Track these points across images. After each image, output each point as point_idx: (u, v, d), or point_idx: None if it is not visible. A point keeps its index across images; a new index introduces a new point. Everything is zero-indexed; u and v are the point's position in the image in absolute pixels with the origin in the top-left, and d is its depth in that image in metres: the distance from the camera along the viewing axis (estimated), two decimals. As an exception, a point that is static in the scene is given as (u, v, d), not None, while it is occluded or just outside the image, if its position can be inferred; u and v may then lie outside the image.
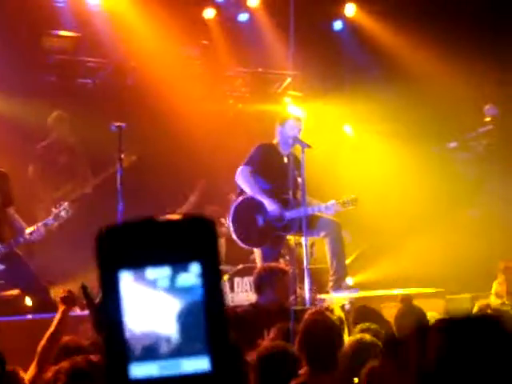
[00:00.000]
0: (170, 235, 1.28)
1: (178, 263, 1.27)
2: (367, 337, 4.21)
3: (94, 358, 3.67)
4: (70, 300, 4.88)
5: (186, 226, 1.29)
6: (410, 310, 5.22)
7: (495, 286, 6.71)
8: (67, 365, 3.57)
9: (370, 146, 10.95)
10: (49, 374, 3.58)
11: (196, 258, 1.27)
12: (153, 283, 1.28)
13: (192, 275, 1.27)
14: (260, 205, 7.80)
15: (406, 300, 6.09)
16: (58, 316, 4.76)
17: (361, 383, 3.65)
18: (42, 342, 4.48)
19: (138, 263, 1.28)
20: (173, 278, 1.27)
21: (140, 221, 1.29)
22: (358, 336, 4.26)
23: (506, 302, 5.26)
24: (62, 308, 4.81)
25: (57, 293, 7.83)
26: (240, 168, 7.86)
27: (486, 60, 9.88)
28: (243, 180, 7.83)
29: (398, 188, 10.20)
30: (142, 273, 1.28)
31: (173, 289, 1.27)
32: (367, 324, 4.82)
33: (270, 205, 7.76)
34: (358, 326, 4.79)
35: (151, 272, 1.28)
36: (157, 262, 1.28)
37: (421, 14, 10.35)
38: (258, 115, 10.83)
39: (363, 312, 5.45)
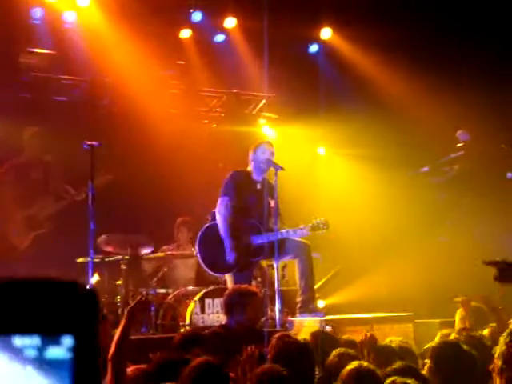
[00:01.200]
0: (41, 300, 1.15)
1: (49, 334, 1.14)
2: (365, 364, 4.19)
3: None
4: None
5: (60, 291, 1.15)
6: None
7: (458, 315, 6.77)
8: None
9: (344, 169, 11.04)
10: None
11: (68, 330, 1.14)
12: (19, 352, 1.14)
13: (63, 349, 1.14)
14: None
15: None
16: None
17: None
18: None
19: (4, 329, 1.14)
20: (42, 350, 1.14)
21: (10, 280, 1.16)
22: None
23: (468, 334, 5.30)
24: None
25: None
26: (219, 200, 7.87)
27: (460, 85, 10.02)
28: (220, 214, 7.85)
29: (371, 211, 10.29)
30: (9, 340, 1.15)
31: (41, 361, 1.14)
32: (343, 349, 4.83)
33: (227, 244, 7.77)
34: (336, 351, 4.79)
35: (19, 340, 1.15)
36: (25, 329, 1.14)
37: (397, 40, 10.47)
38: (232, 135, 10.88)
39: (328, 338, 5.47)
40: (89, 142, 7.23)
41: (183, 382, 3.76)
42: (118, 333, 4.21)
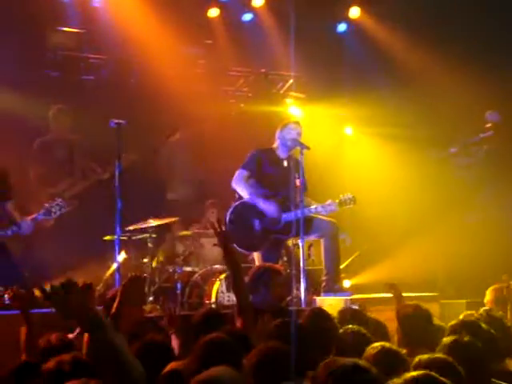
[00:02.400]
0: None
1: None
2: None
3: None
4: (19, 301, 4.76)
5: None
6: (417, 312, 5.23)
7: (488, 294, 6.71)
8: (68, 357, 3.59)
9: (371, 148, 10.97)
10: (50, 365, 3.59)
11: None
12: None
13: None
14: (257, 209, 7.82)
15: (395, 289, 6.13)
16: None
17: None
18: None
19: None
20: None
21: None
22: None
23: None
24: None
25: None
26: (236, 172, 7.89)
27: (490, 66, 9.89)
28: (238, 184, 7.86)
29: (397, 191, 10.23)
30: None
31: None
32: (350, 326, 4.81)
33: (267, 208, 7.78)
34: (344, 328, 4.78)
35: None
36: None
37: (426, 18, 10.35)
38: (259, 115, 10.86)
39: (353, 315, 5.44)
40: (116, 120, 7.23)
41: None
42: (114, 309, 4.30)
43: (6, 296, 4.97)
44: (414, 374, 2.85)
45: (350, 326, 4.64)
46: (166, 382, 3.45)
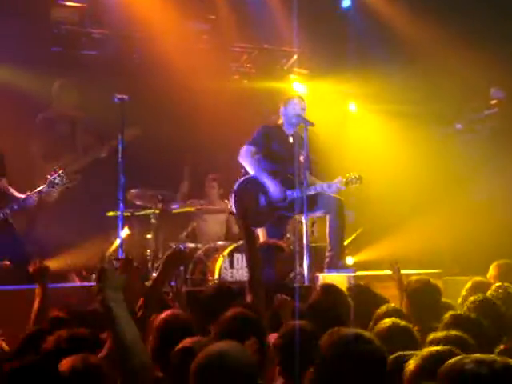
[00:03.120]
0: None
1: None
2: None
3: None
4: (38, 276, 4.76)
5: None
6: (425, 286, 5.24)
7: (492, 269, 6.70)
8: (65, 333, 3.59)
9: (375, 125, 10.92)
10: (49, 344, 3.58)
11: None
12: None
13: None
14: (263, 185, 7.80)
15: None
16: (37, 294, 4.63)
17: None
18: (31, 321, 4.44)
19: None
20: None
21: None
22: None
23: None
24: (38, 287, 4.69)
25: (54, 263, 7.92)
26: (243, 147, 7.86)
27: (495, 42, 9.81)
28: (246, 159, 7.84)
29: (402, 168, 10.19)
30: None
31: None
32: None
33: (272, 186, 7.77)
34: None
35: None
36: None
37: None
38: (263, 91, 10.80)
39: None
40: (119, 96, 7.20)
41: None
42: (151, 283, 4.22)
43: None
44: (436, 348, 2.85)
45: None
46: (180, 358, 3.42)
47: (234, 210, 7.90)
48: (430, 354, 2.81)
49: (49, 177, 7.11)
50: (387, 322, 3.93)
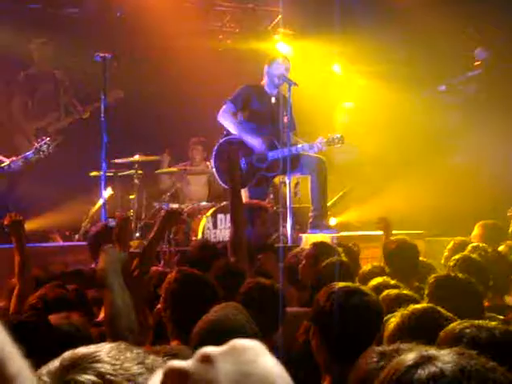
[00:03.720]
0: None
1: None
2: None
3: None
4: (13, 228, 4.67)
5: None
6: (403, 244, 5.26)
7: (476, 229, 6.73)
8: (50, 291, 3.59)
9: (359, 86, 10.88)
10: (32, 300, 3.58)
11: None
12: None
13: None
14: (243, 146, 7.75)
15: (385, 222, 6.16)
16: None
17: None
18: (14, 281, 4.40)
19: None
20: None
21: None
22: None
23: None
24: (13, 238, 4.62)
25: (37, 224, 7.88)
26: (223, 106, 7.79)
27: (481, 2, 9.76)
28: (225, 117, 7.77)
29: (385, 130, 10.19)
30: None
31: None
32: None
33: (253, 141, 7.72)
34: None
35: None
36: None
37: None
38: (247, 52, 10.71)
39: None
40: (101, 54, 7.12)
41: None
42: (149, 239, 4.20)
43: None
44: (418, 306, 2.88)
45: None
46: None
47: (215, 171, 7.88)
48: (412, 312, 2.83)
49: (35, 144, 7.07)
50: (394, 292, 3.94)
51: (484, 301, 3.93)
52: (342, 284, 2.98)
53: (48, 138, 7.14)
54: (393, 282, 4.04)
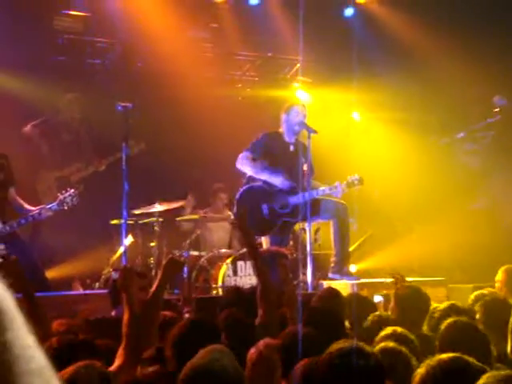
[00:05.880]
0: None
1: None
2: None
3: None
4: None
5: None
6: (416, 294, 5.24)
7: (500, 273, 6.67)
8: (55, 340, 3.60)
9: (378, 133, 10.93)
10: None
11: None
12: None
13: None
14: (264, 193, 7.79)
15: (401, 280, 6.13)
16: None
17: None
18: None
19: None
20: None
21: None
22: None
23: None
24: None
25: (58, 272, 7.93)
26: (241, 154, 7.84)
27: (498, 51, 9.83)
28: (243, 164, 7.80)
29: (405, 177, 10.20)
30: None
31: None
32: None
33: (277, 179, 7.73)
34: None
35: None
36: None
37: (434, 2, 10.28)
38: (266, 100, 10.82)
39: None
40: (122, 104, 7.23)
41: None
42: (151, 291, 4.23)
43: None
44: (444, 356, 2.81)
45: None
46: None
47: (236, 220, 7.91)
48: (438, 363, 2.77)
49: (60, 195, 7.13)
50: (390, 330, 3.93)
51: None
52: (346, 343, 2.84)
53: (72, 190, 7.20)
54: (399, 329, 4.00)
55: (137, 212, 8.60)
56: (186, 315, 4.97)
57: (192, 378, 2.77)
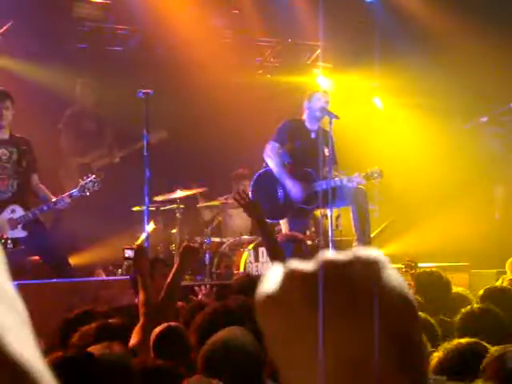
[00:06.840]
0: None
1: None
2: None
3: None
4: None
5: None
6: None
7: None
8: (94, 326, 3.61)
9: (400, 118, 10.85)
10: (75, 338, 3.59)
11: None
12: None
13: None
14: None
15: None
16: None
17: None
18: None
19: None
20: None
21: None
22: None
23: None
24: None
25: (81, 259, 7.97)
26: (268, 145, 7.83)
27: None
28: (271, 158, 7.81)
29: (427, 162, 10.13)
30: None
31: None
32: None
33: (292, 187, 7.74)
34: None
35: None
36: None
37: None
38: (287, 86, 10.78)
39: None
40: (143, 90, 7.24)
41: None
42: (169, 277, 4.24)
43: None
44: (462, 341, 2.79)
45: None
46: None
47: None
48: (456, 347, 2.76)
49: (81, 181, 7.15)
50: None
51: None
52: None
53: (94, 176, 7.22)
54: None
55: (158, 199, 8.62)
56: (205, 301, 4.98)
57: (212, 352, 2.77)
